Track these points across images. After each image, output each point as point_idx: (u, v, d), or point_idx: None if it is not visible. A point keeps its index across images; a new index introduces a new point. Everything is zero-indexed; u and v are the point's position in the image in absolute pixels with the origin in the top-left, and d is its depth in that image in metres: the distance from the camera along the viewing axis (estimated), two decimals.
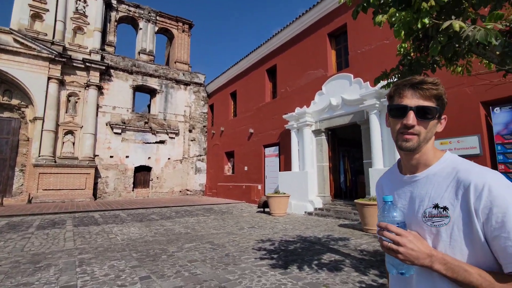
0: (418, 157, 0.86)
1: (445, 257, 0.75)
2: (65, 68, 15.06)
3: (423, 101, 0.83)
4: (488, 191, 0.72)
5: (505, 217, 0.69)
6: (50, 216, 9.65)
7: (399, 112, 0.85)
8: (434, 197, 0.82)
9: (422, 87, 0.83)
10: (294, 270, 4.00)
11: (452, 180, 0.80)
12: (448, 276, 0.73)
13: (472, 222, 0.73)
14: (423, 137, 0.83)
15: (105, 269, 4.07)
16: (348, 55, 9.96)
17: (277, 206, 10.01)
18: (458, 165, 0.82)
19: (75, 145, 15.16)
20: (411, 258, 0.75)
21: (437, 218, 0.79)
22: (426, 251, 0.75)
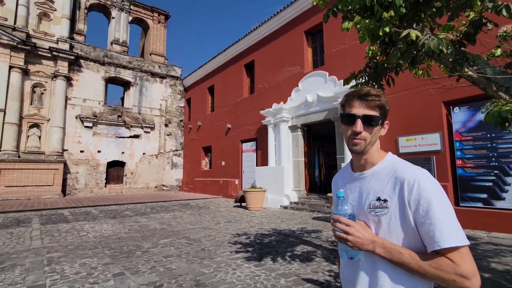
0: (366, 158, 1.01)
1: (384, 242, 0.89)
2: (29, 56, 14.13)
3: (368, 111, 0.96)
4: (417, 186, 0.87)
5: (429, 207, 0.84)
6: (14, 214, 9.14)
7: (349, 120, 0.98)
8: (377, 191, 0.96)
9: (367, 98, 0.97)
10: (268, 262, 4.13)
11: (392, 177, 0.95)
12: (387, 257, 0.88)
13: (406, 211, 0.88)
14: (368, 141, 0.98)
15: (76, 267, 3.97)
16: (324, 53, 10.21)
17: (254, 201, 10.15)
18: (397, 164, 0.97)
19: (41, 139, 14.35)
20: (357, 245, 0.89)
21: (379, 209, 0.94)
22: (370, 238, 0.90)
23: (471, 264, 0.81)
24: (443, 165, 6.66)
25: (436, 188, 0.87)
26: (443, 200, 0.86)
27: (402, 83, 6.91)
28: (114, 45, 17.81)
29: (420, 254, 0.85)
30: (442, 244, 0.81)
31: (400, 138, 7.50)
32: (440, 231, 0.81)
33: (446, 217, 0.83)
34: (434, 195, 0.85)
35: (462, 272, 0.79)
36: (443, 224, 0.82)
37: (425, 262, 0.83)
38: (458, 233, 0.82)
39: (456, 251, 0.81)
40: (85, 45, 16.37)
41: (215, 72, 16.72)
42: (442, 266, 0.81)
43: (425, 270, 0.83)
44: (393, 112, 7.84)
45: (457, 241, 0.81)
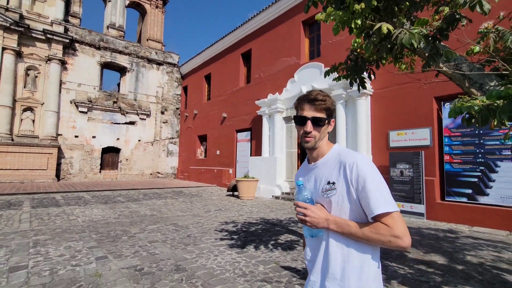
0: (317, 151, 1.18)
1: (336, 219, 1.05)
2: (22, 38, 13.90)
3: (316, 113, 1.12)
4: (356, 166, 1.03)
5: (365, 183, 1.00)
6: (6, 197, 9.18)
7: (300, 121, 1.14)
8: (327, 176, 1.12)
9: (315, 103, 1.12)
10: (251, 249, 4.21)
11: (337, 163, 1.10)
12: (339, 231, 1.04)
13: (350, 189, 1.04)
14: (318, 138, 1.14)
15: (60, 250, 4.03)
16: (320, 44, 10.11)
17: (246, 190, 10.24)
18: (341, 152, 1.13)
19: (35, 123, 14.28)
20: (314, 223, 1.05)
21: (329, 191, 1.09)
22: (324, 216, 1.05)
23: (402, 226, 0.95)
24: (431, 160, 6.72)
25: (371, 167, 1.04)
26: (376, 176, 1.02)
27: (395, 77, 6.89)
28: (110, 29, 17.52)
29: (363, 224, 1.01)
30: (375, 211, 0.96)
31: (391, 132, 7.54)
32: (374, 201, 0.97)
33: (378, 190, 0.99)
34: (368, 172, 1.01)
35: (395, 233, 0.94)
36: (375, 195, 0.98)
37: (367, 229, 0.99)
38: (389, 202, 0.98)
39: (388, 216, 0.96)
40: (80, 28, 16.09)
41: (212, 60, 16.55)
42: (380, 230, 0.96)
43: (367, 236, 0.98)
44: (385, 106, 7.84)
45: (387, 208, 0.96)
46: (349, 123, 8.59)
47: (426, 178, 6.70)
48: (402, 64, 2.98)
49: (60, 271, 3.27)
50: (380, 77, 7.75)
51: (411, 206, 6.79)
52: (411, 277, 3.29)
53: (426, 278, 3.26)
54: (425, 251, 4.28)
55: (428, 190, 6.65)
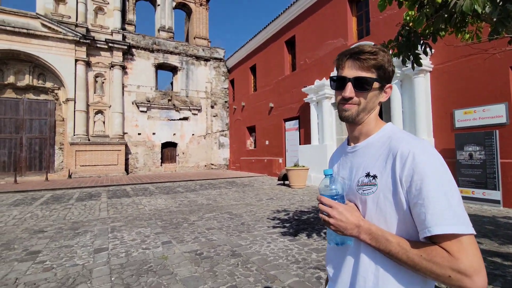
0: (360, 128, 0.88)
1: (371, 227, 0.76)
2: (89, 49, 15.66)
3: (361, 72, 0.82)
4: (412, 158, 0.72)
5: (422, 184, 0.69)
6: (88, 190, 10.64)
7: (339, 84, 0.85)
8: (367, 166, 0.83)
9: (360, 57, 0.82)
10: (303, 237, 4.24)
11: (385, 149, 0.81)
12: (373, 245, 0.76)
13: (398, 190, 0.74)
14: (362, 107, 0.84)
15: (132, 235, 4.58)
16: (370, 21, 9.41)
17: (296, 179, 10.22)
18: (393, 135, 0.83)
19: (105, 124, 16.12)
20: (340, 229, 0.78)
21: (367, 187, 0.81)
22: (355, 221, 0.77)
23: (474, 258, 0.64)
24: (508, 139, 5.86)
25: (435, 162, 0.72)
26: (443, 177, 0.70)
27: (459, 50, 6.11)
28: (161, 32, 18.69)
29: (412, 243, 0.71)
30: (434, 229, 0.66)
31: (456, 111, 6.74)
32: (433, 213, 0.67)
33: (443, 198, 0.68)
34: (430, 170, 0.70)
35: (460, 267, 0.63)
36: (438, 205, 0.67)
37: (415, 252, 0.69)
38: (458, 218, 0.66)
39: (454, 240, 0.66)
40: (135, 34, 17.50)
41: (256, 51, 16.61)
42: (435, 257, 0.66)
43: (414, 261, 0.69)
44: (449, 83, 7.03)
45: (455, 227, 0.65)
46: (406, 104, 7.91)
47: (502, 161, 5.88)
48: (466, 34, 2.64)
49: (134, 253, 3.72)
50: (440, 50, 6.95)
51: (484, 192, 6.05)
52: None
53: (502, 272, 2.92)
54: (501, 242, 3.82)
55: (505, 174, 5.84)
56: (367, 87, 0.82)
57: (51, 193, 9.90)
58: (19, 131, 14.78)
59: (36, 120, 15.17)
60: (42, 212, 6.62)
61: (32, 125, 15.08)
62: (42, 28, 14.33)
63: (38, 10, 14.66)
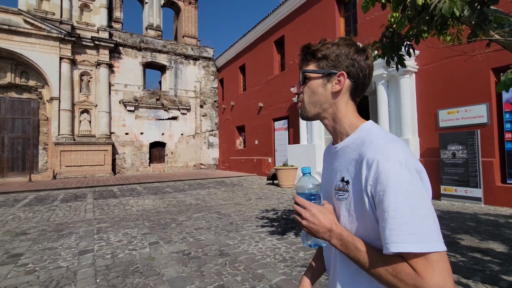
0: (332, 127, 0.83)
1: (342, 233, 0.71)
2: (75, 47, 15.28)
3: (305, 66, 0.81)
4: (376, 166, 0.66)
5: (384, 195, 0.63)
6: (73, 191, 10.39)
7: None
8: (342, 170, 0.78)
9: (302, 53, 0.82)
10: (291, 236, 4.27)
11: (357, 154, 0.75)
12: (342, 251, 0.71)
13: (365, 199, 0.69)
14: (306, 101, 0.82)
15: (119, 236, 4.50)
16: (357, 23, 9.55)
17: (285, 178, 10.28)
18: (366, 138, 0.75)
19: (91, 123, 15.77)
20: (312, 231, 0.73)
21: (341, 192, 0.77)
22: (327, 225, 0.72)
23: (441, 277, 0.58)
24: (489, 139, 6.07)
25: (401, 171, 0.63)
26: (408, 187, 0.62)
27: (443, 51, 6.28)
28: (149, 30, 18.42)
29: (381, 255, 0.65)
30: (391, 247, 0.60)
31: (440, 111, 6.93)
32: (392, 229, 0.61)
33: (406, 211, 0.61)
34: (394, 179, 0.63)
35: (424, 286, 0.57)
36: (398, 219, 0.61)
37: (382, 265, 0.64)
38: (422, 234, 0.59)
39: (421, 257, 0.59)
40: (122, 32, 17.19)
41: (245, 50, 16.60)
42: (400, 273, 0.61)
43: (380, 274, 0.64)
44: (433, 83, 7.21)
45: (414, 246, 0.59)
46: (392, 104, 8.07)
47: (483, 160, 6.09)
48: (447, 36, 2.72)
49: (120, 254, 3.66)
50: (425, 51, 7.13)
51: (466, 190, 6.24)
52: (463, 265, 3.08)
53: (481, 267, 3.02)
54: (481, 238, 3.95)
55: (486, 172, 6.05)
56: (306, 80, 0.81)
57: (34, 194, 9.63)
58: (0, 130, 14.29)
59: (19, 120, 14.70)
60: (25, 214, 6.43)
61: (15, 124, 14.60)
62: (24, 25, 13.89)
63: (20, 6, 14.20)
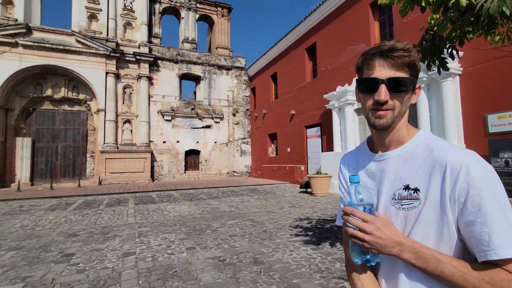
0: (391, 135, 0.79)
1: (415, 245, 0.68)
2: (119, 62, 16.54)
3: (395, 72, 0.74)
4: (465, 171, 0.66)
5: (482, 200, 0.63)
6: (116, 196, 11.11)
7: (369, 86, 0.76)
8: (405, 178, 0.75)
9: (393, 55, 0.73)
10: (326, 246, 4.17)
11: (426, 159, 0.73)
12: (418, 265, 0.68)
13: (445, 206, 0.68)
14: (397, 112, 0.76)
15: (158, 240, 4.72)
16: (393, 25, 9.22)
17: (319, 187, 10.07)
18: (434, 143, 0.75)
19: (132, 133, 16.84)
20: (378, 247, 0.69)
21: (407, 201, 0.74)
22: (396, 238, 0.69)
23: None
24: None
25: (491, 175, 0.66)
26: (502, 193, 0.65)
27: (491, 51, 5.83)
28: (184, 43, 19.38)
29: (468, 263, 0.64)
30: (502, 252, 0.59)
31: (489, 115, 6.38)
32: (499, 234, 0.60)
33: (506, 217, 0.62)
34: (489, 185, 0.64)
35: None
36: (502, 224, 0.61)
37: (475, 275, 0.62)
38: None
39: None
40: (161, 46, 18.27)
41: (277, 59, 16.74)
42: (501, 281, 0.60)
43: (474, 286, 0.61)
44: (480, 86, 6.69)
45: None
46: (434, 109, 7.61)
47: None
48: (496, 36, 2.53)
49: (159, 258, 3.84)
50: (470, 52, 6.66)
51: None
52: None
53: None
54: None
55: None
56: (404, 89, 0.74)
57: (83, 198, 10.45)
58: (55, 140, 15.81)
59: (70, 130, 16.16)
60: (75, 216, 7.00)
61: (67, 134, 16.08)
62: (76, 44, 15.36)
63: (73, 27, 15.76)
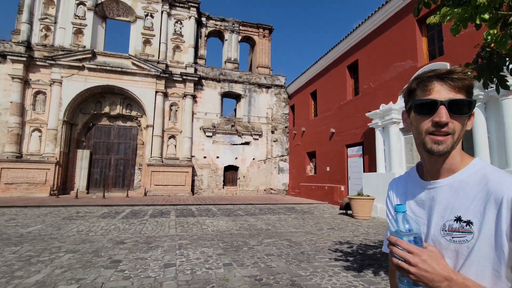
0: (445, 162, 0.76)
1: (466, 282, 0.65)
2: (167, 82, 17.86)
3: (455, 94, 0.72)
4: None
5: None
6: (159, 207, 11.68)
7: (427, 109, 0.74)
8: (457, 208, 0.73)
9: (453, 77, 0.72)
10: (369, 274, 3.90)
11: (481, 191, 0.70)
12: None
13: (502, 244, 0.64)
14: (457, 136, 0.73)
15: (197, 253, 4.84)
16: (443, 41, 8.73)
17: (360, 209, 9.56)
18: (489, 174, 0.72)
19: (176, 148, 17.80)
20: (424, 280, 0.65)
21: (458, 233, 0.70)
22: (444, 273, 0.65)
23: None
24: None
25: None
26: None
27: None
28: (227, 63, 20.33)
29: None
30: None
31: None
32: None
33: None
34: None
35: None
36: None
37: None
38: None
39: None
40: (205, 67, 19.38)
41: (317, 77, 16.71)
42: None
43: None
44: None
45: None
46: (492, 130, 6.92)
47: None
48: None
49: (198, 271, 3.92)
50: None
51: None
52: None
53: None
54: None
55: None
56: (466, 111, 0.72)
57: (130, 208, 11.16)
58: (109, 152, 17.32)
59: (122, 144, 17.62)
60: (123, 225, 7.49)
61: (119, 148, 17.54)
62: (132, 66, 16.99)
63: (130, 52, 17.51)
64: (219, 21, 20.46)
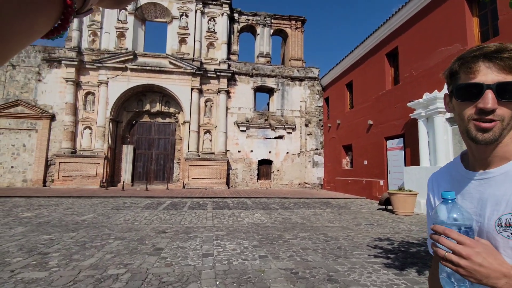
0: (496, 150, 0.68)
1: None
2: (202, 78, 18.36)
3: (505, 76, 0.63)
4: None
5: None
6: (197, 200, 12.15)
7: (470, 93, 0.66)
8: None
9: (503, 56, 0.63)
10: (412, 273, 3.71)
11: None
12: None
13: None
14: (506, 123, 0.64)
15: (233, 244, 4.96)
16: (498, 20, 7.85)
17: (402, 205, 9.08)
18: None
19: (211, 142, 18.32)
20: (477, 276, 0.58)
21: None
22: (502, 269, 0.58)
23: None
24: None
25: None
26: None
27: None
28: (259, 58, 20.30)
29: None
30: None
31: None
32: None
33: None
34: None
35: None
36: None
37: None
38: None
39: None
40: (238, 62, 19.55)
41: (352, 67, 16.03)
42: None
43: None
44: None
45: None
46: None
47: None
48: None
49: (234, 262, 4.03)
50: None
51: None
52: None
53: None
54: None
55: None
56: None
57: (170, 200, 11.76)
58: (150, 148, 18.37)
59: (162, 139, 18.57)
60: (164, 215, 7.93)
61: (159, 143, 18.51)
62: (169, 65, 17.71)
63: (167, 51, 18.25)
64: (251, 16, 20.44)
